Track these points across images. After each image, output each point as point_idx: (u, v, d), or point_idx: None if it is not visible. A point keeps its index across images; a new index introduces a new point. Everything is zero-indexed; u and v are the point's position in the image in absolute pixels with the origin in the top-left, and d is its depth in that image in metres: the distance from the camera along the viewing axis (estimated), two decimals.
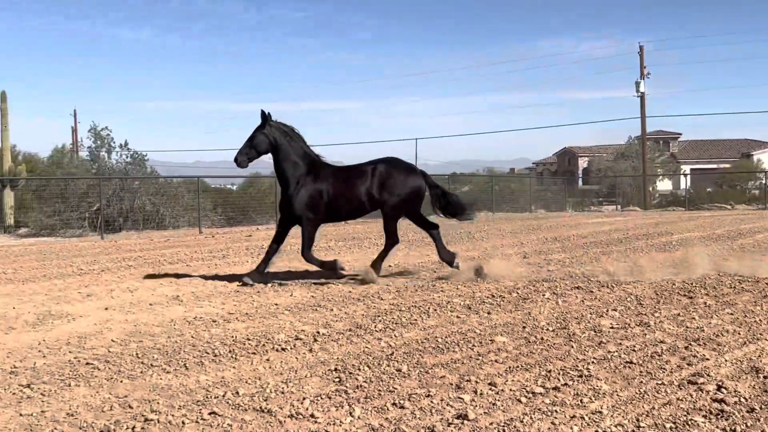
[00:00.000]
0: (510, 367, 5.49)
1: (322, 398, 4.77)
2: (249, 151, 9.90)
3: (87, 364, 5.75)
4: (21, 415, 4.55)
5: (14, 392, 5.03)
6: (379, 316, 7.56)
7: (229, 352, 6.11)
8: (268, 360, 5.85)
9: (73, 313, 7.99)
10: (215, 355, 6.00)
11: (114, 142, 24.48)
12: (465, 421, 4.28)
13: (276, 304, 8.39)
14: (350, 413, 4.44)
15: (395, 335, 6.65)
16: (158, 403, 4.73)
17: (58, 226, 22.46)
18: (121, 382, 5.26)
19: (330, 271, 10.02)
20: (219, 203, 26.94)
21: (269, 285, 9.71)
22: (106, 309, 8.23)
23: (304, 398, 4.76)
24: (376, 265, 10.12)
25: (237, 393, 4.91)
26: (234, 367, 5.64)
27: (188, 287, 9.69)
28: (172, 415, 4.46)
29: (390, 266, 11.08)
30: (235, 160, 10.01)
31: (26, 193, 25.90)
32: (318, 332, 6.77)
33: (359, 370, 5.44)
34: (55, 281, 10.61)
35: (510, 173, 67.74)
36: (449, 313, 7.68)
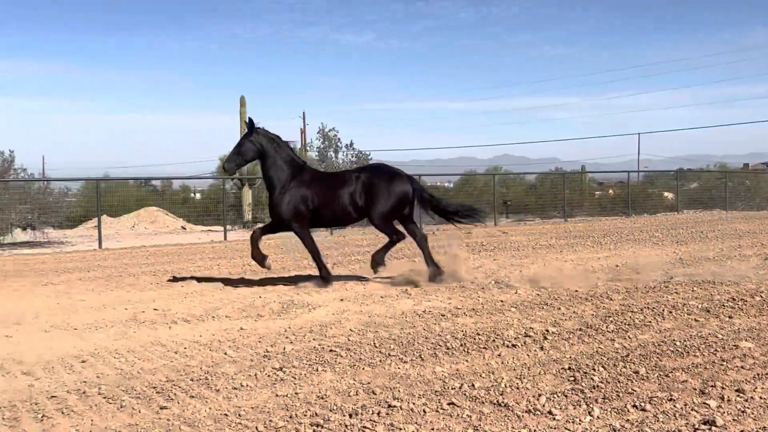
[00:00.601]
0: (758, 374, 5.17)
1: (557, 396, 4.76)
2: (236, 158, 10.14)
3: (330, 351, 6.14)
4: (277, 395, 4.96)
5: (269, 374, 5.49)
6: (609, 316, 7.38)
7: (461, 345, 6.25)
8: (499, 355, 5.92)
9: (312, 303, 8.54)
10: (448, 348, 6.16)
11: (341, 142, 25.72)
12: (713, 428, 4.10)
13: (501, 301, 8.44)
14: (589, 412, 4.40)
15: (629, 336, 6.47)
16: (399, 390, 4.96)
17: None
18: (363, 369, 5.57)
19: (259, 263, 10.13)
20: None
21: (491, 282, 9.78)
22: (342, 300, 8.71)
23: (539, 395, 4.78)
24: (379, 255, 10.18)
25: (473, 386, 5.02)
26: (467, 361, 5.77)
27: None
28: (413, 403, 4.66)
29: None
30: (223, 166, 10.49)
31: (262, 191, 27.93)
32: (547, 330, 6.73)
33: (594, 370, 5.35)
34: (292, 273, 11.37)
35: (744, 169, 62.91)
36: (686, 315, 7.33)
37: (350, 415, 4.47)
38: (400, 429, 4.23)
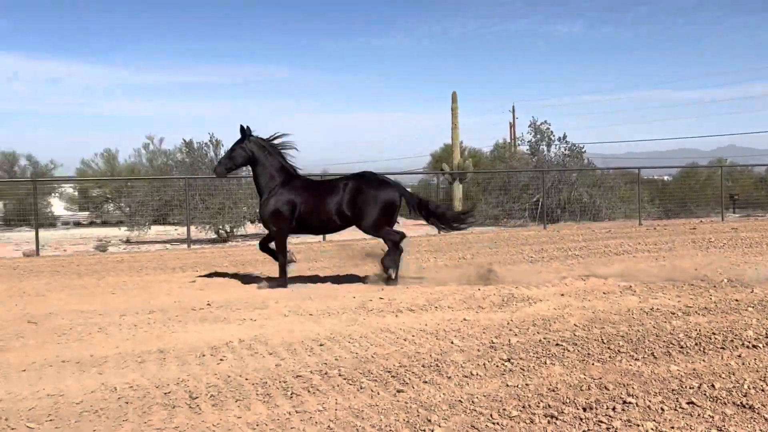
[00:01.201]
0: None
1: None
2: (227, 162, 10.37)
3: (557, 345, 6.12)
4: (507, 385, 5.03)
5: (497, 365, 5.58)
6: None
7: (696, 344, 5.99)
8: (739, 356, 5.62)
9: (532, 297, 8.52)
10: (681, 347, 5.93)
11: (553, 136, 25.30)
12: None
13: (737, 300, 7.97)
14: None
15: None
16: (633, 387, 4.86)
17: (501, 216, 24.02)
18: (593, 364, 5.50)
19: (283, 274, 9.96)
20: (656, 195, 26.29)
21: (724, 280, 9.25)
22: (562, 295, 8.61)
23: None
24: (389, 259, 9.93)
25: (713, 386, 4.81)
26: (704, 360, 5.53)
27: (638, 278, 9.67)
28: (649, 401, 4.55)
29: None
30: (214, 170, 10.64)
31: (473, 185, 28.16)
32: None
33: None
34: (509, 267, 11.40)
35: None
36: None
37: (584, 409, 4.45)
38: (638, 426, 4.16)
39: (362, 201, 9.88)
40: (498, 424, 4.28)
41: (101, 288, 10.17)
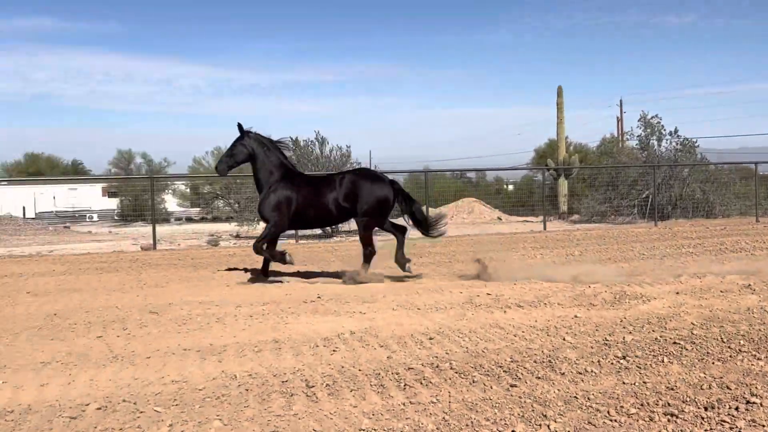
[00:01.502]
0: None
1: None
2: (228, 160, 10.53)
3: (674, 343, 5.96)
4: (624, 383, 4.95)
5: (612, 362, 5.48)
6: None
7: None
8: None
9: (645, 294, 8.30)
10: None
11: (664, 130, 24.51)
12: None
13: None
14: None
15: None
16: (756, 387, 4.69)
17: (608, 212, 23.48)
18: (713, 363, 5.34)
19: (280, 262, 10.16)
20: None
21: None
22: (677, 293, 8.36)
23: None
24: (399, 256, 10.29)
25: None
26: None
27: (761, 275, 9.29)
28: None
29: None
30: (216, 167, 10.81)
31: (578, 181, 27.65)
32: None
33: None
34: (622, 264, 11.15)
35: None
36: None
37: (705, 408, 4.33)
38: (764, 426, 4.02)
39: (357, 194, 10.08)
40: (616, 421, 4.21)
41: (216, 280, 10.56)
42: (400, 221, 10.90)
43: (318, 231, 20.41)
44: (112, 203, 39.73)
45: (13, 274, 11.79)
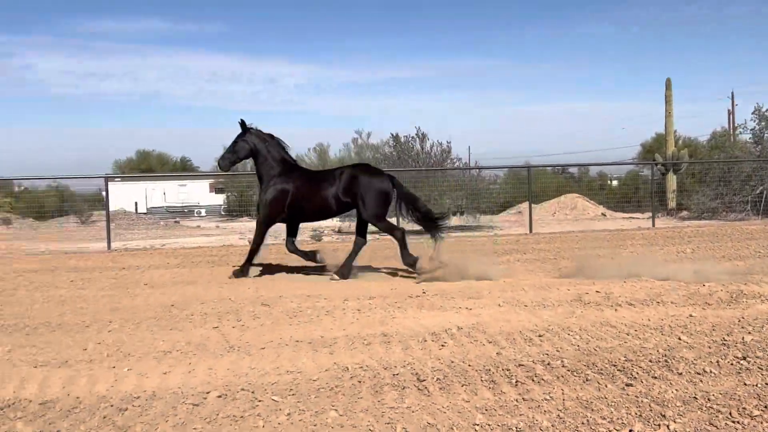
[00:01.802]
0: None
1: None
2: (231, 156, 10.69)
3: None
4: (745, 384, 4.78)
5: (731, 363, 5.31)
6: None
7: None
8: None
9: (764, 293, 7.98)
10: None
11: None
12: None
13: None
14: None
15: None
16: None
17: (719, 209, 22.58)
18: None
19: (312, 261, 10.73)
20: None
21: None
22: None
23: None
24: (405, 255, 10.10)
25: None
26: None
27: None
28: None
29: None
30: (218, 163, 10.90)
31: (687, 176, 26.68)
32: None
33: None
34: (737, 262, 10.72)
35: None
36: None
37: None
38: None
39: (357, 188, 10.13)
40: (738, 422, 4.08)
41: (323, 274, 10.74)
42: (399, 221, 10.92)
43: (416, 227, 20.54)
44: (219, 199, 41.07)
45: (130, 266, 12.34)
